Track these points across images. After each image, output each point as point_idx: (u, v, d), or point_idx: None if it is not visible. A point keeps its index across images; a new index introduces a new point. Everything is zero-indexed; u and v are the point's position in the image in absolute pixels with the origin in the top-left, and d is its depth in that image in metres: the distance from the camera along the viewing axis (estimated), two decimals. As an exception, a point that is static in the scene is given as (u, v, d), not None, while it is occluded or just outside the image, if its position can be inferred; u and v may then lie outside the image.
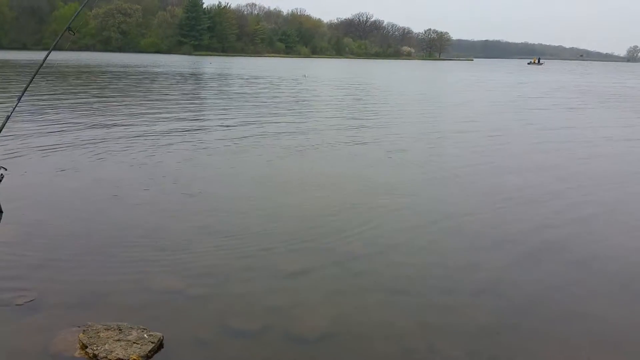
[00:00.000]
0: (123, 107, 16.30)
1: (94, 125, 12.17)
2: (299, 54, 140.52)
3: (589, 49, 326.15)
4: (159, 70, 42.40)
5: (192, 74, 38.45)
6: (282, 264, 4.70)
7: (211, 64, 60.87)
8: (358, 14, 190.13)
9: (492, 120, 15.37)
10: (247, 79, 34.30)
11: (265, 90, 24.78)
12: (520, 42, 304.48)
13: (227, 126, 12.75)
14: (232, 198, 6.74)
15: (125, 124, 12.60)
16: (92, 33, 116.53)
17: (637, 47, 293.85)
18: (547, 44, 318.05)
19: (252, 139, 11.04)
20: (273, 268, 4.62)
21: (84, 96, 19.56)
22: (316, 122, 13.98)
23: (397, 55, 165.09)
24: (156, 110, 15.52)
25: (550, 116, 17.19)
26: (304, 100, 20.48)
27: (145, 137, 10.79)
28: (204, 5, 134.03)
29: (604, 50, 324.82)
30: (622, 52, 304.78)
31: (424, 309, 4.03)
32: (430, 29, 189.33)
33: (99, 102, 17.65)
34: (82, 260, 4.64)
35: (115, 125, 12.30)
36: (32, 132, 10.79)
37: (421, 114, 16.59)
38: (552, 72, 69.72)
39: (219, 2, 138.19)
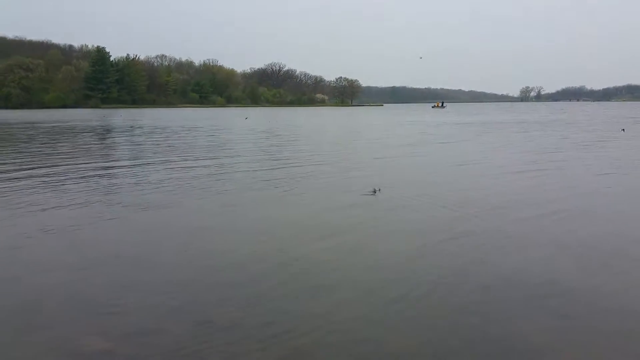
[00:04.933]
0: (17, 164, 15.28)
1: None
2: (214, 104, 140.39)
3: (485, 91, 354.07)
4: (63, 125, 40.53)
5: (100, 127, 37.05)
6: (214, 316, 4.56)
7: (121, 117, 59.20)
8: (271, 64, 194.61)
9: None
10: (156, 129, 33.62)
11: (179, 140, 24.36)
12: (424, 87, 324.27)
13: (139, 178, 12.29)
14: (155, 252, 6.49)
15: (23, 183, 11.83)
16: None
17: (528, 87, 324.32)
18: (448, 88, 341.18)
19: (166, 190, 10.72)
20: (204, 321, 4.47)
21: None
22: (237, 167, 13.92)
23: (311, 102, 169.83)
24: (61, 166, 14.73)
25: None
26: (220, 148, 20.35)
27: (53, 195, 10.19)
28: (112, 58, 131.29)
29: (499, 92, 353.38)
30: (516, 93, 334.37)
31: None
32: (341, 77, 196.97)
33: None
34: (1, 328, 4.30)
35: (12, 186, 11.48)
36: None
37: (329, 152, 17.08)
38: (449, 113, 74.88)
39: (127, 55, 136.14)
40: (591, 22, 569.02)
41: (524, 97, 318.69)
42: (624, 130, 27.45)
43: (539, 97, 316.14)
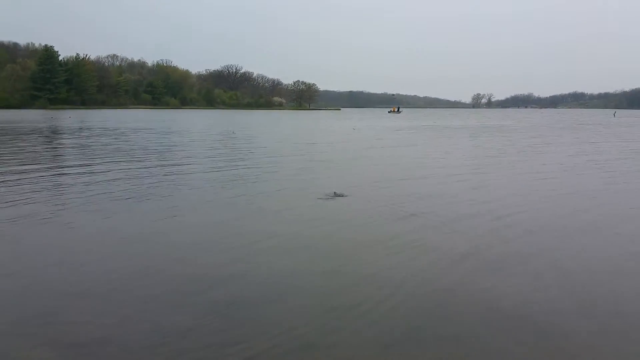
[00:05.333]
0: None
1: None
2: (167, 106, 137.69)
3: (439, 98, 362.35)
4: (6, 126, 38.82)
5: (47, 129, 35.66)
6: (165, 325, 4.49)
7: (70, 118, 57.30)
8: (227, 66, 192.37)
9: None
10: (105, 131, 32.68)
11: (128, 142, 23.77)
12: (380, 92, 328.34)
13: (85, 182, 11.91)
14: (101, 259, 6.31)
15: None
16: None
17: (479, 94, 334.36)
18: (404, 93, 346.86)
19: (113, 194, 10.46)
20: (154, 329, 4.40)
21: None
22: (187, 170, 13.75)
23: (269, 105, 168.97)
24: (1, 169, 14.10)
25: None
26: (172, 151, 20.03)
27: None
28: (60, 57, 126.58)
29: (452, 98, 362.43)
30: (468, 100, 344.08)
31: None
32: (298, 81, 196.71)
33: None
34: None
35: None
36: None
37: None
38: (404, 118, 76.40)
39: (77, 54, 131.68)
40: (539, 32, 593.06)
41: (476, 103, 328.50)
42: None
43: (490, 104, 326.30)
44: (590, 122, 61.92)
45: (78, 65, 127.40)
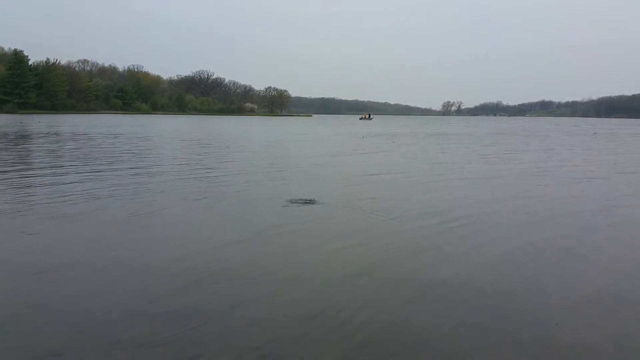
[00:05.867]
0: None
1: None
2: (138, 111, 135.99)
3: (410, 105, 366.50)
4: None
5: (14, 133, 34.82)
6: (121, 333, 4.47)
7: (40, 123, 56.15)
8: (199, 72, 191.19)
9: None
10: (75, 136, 32.13)
11: (96, 147, 23.51)
12: (352, 99, 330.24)
13: (48, 187, 11.64)
14: (59, 266, 6.24)
15: None
16: None
17: (449, 102, 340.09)
18: (375, 100, 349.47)
19: (75, 200, 10.33)
20: (110, 337, 4.39)
21: None
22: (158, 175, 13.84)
23: (240, 111, 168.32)
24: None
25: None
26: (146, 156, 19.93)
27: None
28: (30, 62, 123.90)
29: (423, 106, 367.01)
30: (438, 107, 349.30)
31: None
32: (270, 87, 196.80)
33: None
34: None
35: None
36: None
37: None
38: (375, 125, 77.26)
39: (47, 59, 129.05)
40: (508, 40, 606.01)
41: (446, 111, 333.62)
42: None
43: (460, 112, 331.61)
44: (554, 129, 63.77)
45: (48, 69, 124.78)
